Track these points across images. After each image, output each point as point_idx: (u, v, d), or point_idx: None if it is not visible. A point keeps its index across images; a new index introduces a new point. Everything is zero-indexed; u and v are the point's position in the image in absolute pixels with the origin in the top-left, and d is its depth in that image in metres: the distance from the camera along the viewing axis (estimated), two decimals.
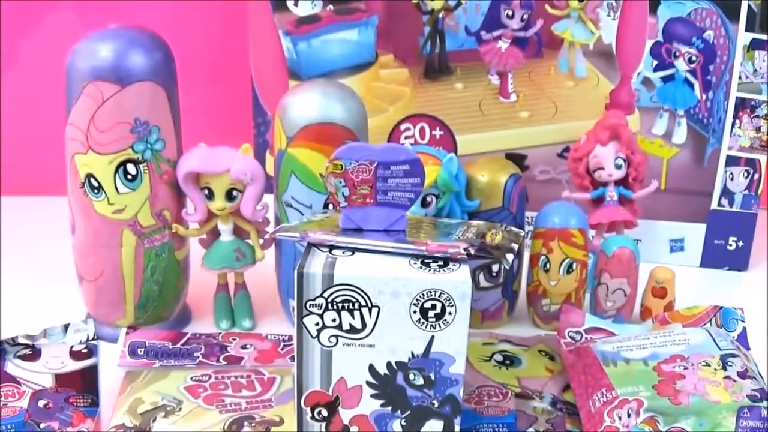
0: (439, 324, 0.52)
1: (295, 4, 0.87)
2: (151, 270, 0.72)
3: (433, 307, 0.52)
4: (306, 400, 0.55)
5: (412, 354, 0.53)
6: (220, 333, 0.74)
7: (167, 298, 0.74)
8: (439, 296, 0.52)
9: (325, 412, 0.55)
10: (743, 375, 0.60)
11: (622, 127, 0.80)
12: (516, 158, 0.89)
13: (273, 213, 0.73)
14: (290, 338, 0.72)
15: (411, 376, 0.54)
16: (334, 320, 0.53)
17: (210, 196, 0.71)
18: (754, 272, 0.90)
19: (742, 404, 0.58)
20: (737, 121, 0.86)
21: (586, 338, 0.71)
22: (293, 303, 0.53)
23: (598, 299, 0.76)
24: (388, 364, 0.54)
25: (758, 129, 0.86)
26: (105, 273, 0.71)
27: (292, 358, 0.66)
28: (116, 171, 0.68)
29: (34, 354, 0.68)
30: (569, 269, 0.74)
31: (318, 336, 0.53)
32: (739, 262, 0.90)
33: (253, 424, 0.61)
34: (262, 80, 0.91)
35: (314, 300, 0.52)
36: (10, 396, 0.63)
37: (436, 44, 0.88)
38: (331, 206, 0.69)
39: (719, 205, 0.88)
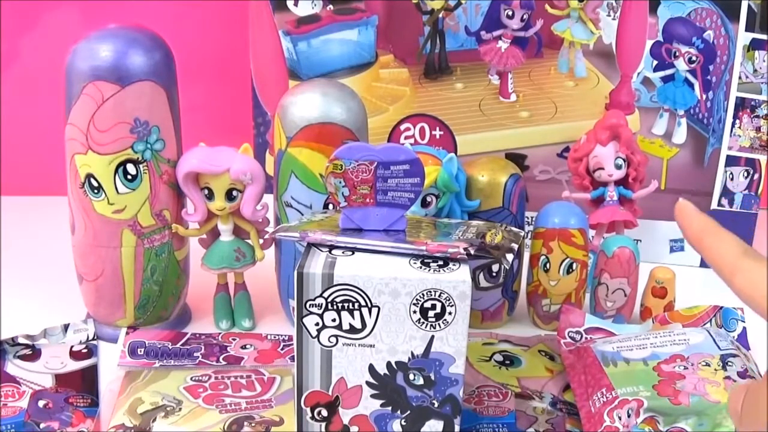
0: (439, 324, 0.52)
1: (295, 4, 0.87)
2: (151, 270, 0.72)
3: (433, 307, 0.52)
4: (306, 400, 0.55)
5: (412, 354, 0.53)
6: (220, 333, 0.74)
7: (167, 298, 0.74)
8: (439, 296, 0.52)
9: (325, 412, 0.55)
10: (743, 375, 0.60)
11: (622, 127, 0.80)
12: (516, 158, 0.89)
13: (273, 213, 0.73)
14: (290, 338, 0.72)
15: (411, 376, 0.54)
16: (334, 320, 0.53)
17: (210, 196, 0.71)
18: None
19: None
20: (737, 121, 0.86)
21: (586, 338, 0.71)
22: (293, 303, 0.53)
23: (598, 299, 0.76)
24: (388, 364, 0.54)
25: (758, 129, 0.86)
26: (105, 273, 0.71)
27: (292, 358, 0.66)
28: (116, 171, 0.68)
29: (34, 354, 0.68)
30: (569, 269, 0.74)
31: (318, 336, 0.53)
32: None
33: (253, 424, 0.61)
34: (262, 80, 0.91)
35: (314, 300, 0.52)
36: (10, 396, 0.63)
37: (436, 44, 0.88)
38: (331, 206, 0.69)
39: (719, 205, 0.88)
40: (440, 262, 0.53)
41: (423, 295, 0.52)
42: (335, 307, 0.52)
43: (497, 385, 0.66)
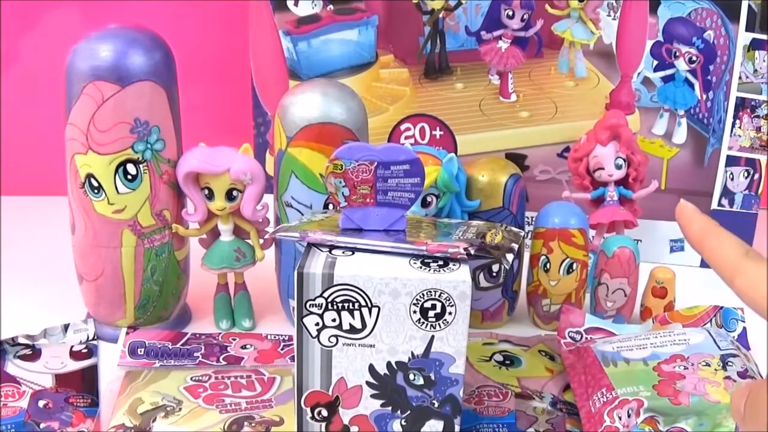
0: (439, 324, 0.52)
1: (295, 4, 0.87)
2: (151, 270, 0.72)
3: (433, 307, 0.52)
4: (306, 400, 0.55)
5: (412, 354, 0.53)
6: (220, 333, 0.74)
7: (167, 298, 0.74)
8: (439, 296, 0.52)
9: (325, 412, 0.55)
10: (743, 375, 0.60)
11: (622, 127, 0.80)
12: (516, 158, 0.89)
13: (273, 213, 0.73)
14: (290, 338, 0.72)
15: (411, 376, 0.54)
16: (334, 320, 0.53)
17: (210, 196, 0.71)
18: None
19: None
20: (737, 121, 0.86)
21: (586, 338, 0.71)
22: (293, 303, 0.53)
23: (598, 299, 0.76)
24: (388, 364, 0.54)
25: (758, 129, 0.86)
26: (105, 273, 0.71)
27: (292, 358, 0.66)
28: (116, 171, 0.68)
29: (34, 354, 0.68)
30: (569, 269, 0.74)
31: (318, 336, 0.53)
32: None
33: (253, 424, 0.61)
34: (262, 80, 0.91)
35: (314, 300, 0.52)
36: (10, 396, 0.63)
37: (436, 44, 0.88)
38: (331, 206, 0.69)
39: (719, 205, 0.88)
40: (440, 262, 0.53)
41: (423, 295, 0.52)
42: (335, 307, 0.52)
43: (497, 385, 0.66)
